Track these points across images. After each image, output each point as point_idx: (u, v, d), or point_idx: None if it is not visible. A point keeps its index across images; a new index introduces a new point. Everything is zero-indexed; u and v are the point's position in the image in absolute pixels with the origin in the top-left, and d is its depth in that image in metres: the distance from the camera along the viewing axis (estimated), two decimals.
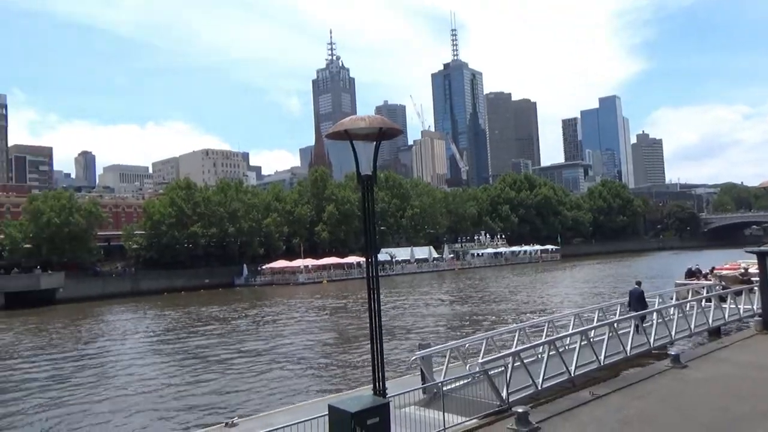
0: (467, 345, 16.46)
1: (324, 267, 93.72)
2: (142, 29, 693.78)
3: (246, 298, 67.31)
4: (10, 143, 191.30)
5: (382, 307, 9.42)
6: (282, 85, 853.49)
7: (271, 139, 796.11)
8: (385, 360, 9.36)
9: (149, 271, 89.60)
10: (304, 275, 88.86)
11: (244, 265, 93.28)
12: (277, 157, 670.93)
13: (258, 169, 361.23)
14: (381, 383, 8.86)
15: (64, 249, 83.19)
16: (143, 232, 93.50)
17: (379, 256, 10.53)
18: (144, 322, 50.05)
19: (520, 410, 11.05)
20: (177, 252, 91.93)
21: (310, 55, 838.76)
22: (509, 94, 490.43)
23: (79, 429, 17.82)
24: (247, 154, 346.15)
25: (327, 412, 8.62)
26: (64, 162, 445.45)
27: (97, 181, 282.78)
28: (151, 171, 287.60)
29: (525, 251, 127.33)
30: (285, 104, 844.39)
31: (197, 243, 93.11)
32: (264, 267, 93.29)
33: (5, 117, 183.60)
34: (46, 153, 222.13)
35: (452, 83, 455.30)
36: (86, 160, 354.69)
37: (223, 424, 12.71)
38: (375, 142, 9.93)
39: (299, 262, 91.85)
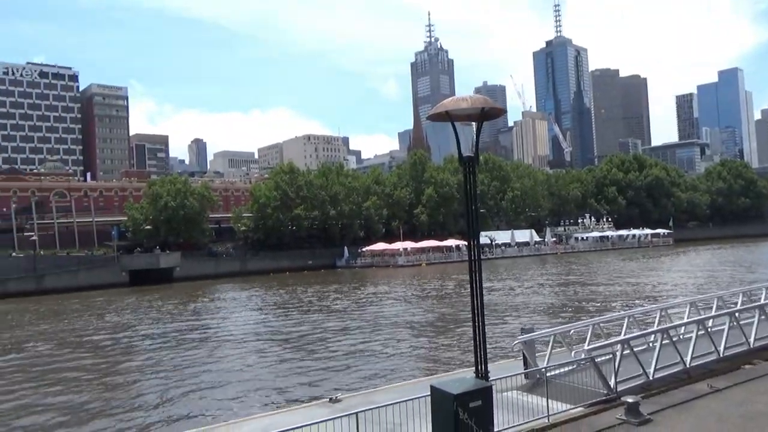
0: (572, 331, 15.94)
1: (423, 250, 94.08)
2: (243, 20, 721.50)
3: (348, 279, 68.98)
4: (131, 132, 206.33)
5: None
6: (380, 69, 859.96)
7: (370, 123, 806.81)
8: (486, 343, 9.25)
9: (257, 252, 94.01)
10: (403, 258, 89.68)
11: (345, 247, 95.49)
12: (377, 141, 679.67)
13: (358, 153, 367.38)
14: (483, 366, 8.76)
15: (180, 230, 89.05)
16: (251, 215, 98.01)
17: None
18: (253, 299, 52.65)
19: (630, 400, 10.55)
20: (282, 234, 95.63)
21: (407, 38, 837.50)
22: (617, 71, 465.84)
23: (191, 392, 19.05)
24: (347, 138, 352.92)
25: (428, 393, 8.65)
26: (178, 149, 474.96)
27: (208, 166, 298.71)
28: (257, 156, 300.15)
29: (633, 235, 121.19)
30: (383, 88, 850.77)
31: (300, 225, 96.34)
32: (364, 249, 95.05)
33: (126, 108, 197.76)
34: (163, 141, 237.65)
35: (555, 61, 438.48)
36: (198, 146, 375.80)
37: (328, 399, 13.11)
38: (477, 123, 9.76)
39: (398, 245, 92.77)
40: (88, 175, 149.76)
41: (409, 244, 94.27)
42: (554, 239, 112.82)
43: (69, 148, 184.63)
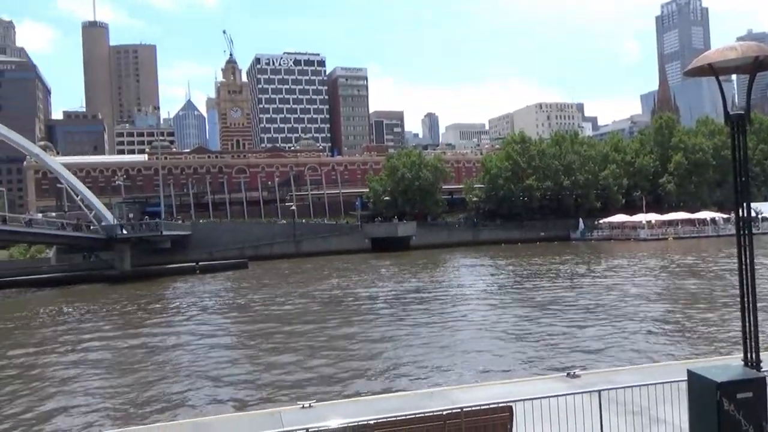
0: None
1: (669, 222, 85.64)
2: None
3: (583, 252, 66.02)
4: (371, 110, 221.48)
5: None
6: (618, 28, 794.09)
7: (607, 87, 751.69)
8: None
9: (488, 223, 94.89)
10: (646, 231, 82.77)
11: (580, 219, 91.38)
12: (615, 106, 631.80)
13: (593, 120, 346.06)
14: (754, 354, 7.66)
15: (415, 201, 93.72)
16: (482, 186, 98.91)
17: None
18: (485, 267, 53.41)
19: None
20: (513, 204, 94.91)
21: None
22: None
23: (423, 352, 19.88)
24: (582, 104, 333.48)
25: (681, 378, 7.87)
26: (412, 123, 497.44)
27: (440, 139, 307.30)
28: (487, 127, 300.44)
29: None
30: (622, 48, 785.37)
31: (532, 196, 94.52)
32: (601, 221, 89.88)
33: (366, 87, 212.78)
34: (399, 116, 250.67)
35: None
36: (431, 120, 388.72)
37: (565, 374, 12.73)
38: (749, 75, 8.45)
39: (641, 217, 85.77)
40: (335, 150, 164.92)
41: (654, 216, 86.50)
42: None
43: (319, 127, 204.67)
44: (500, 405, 8.63)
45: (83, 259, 71.26)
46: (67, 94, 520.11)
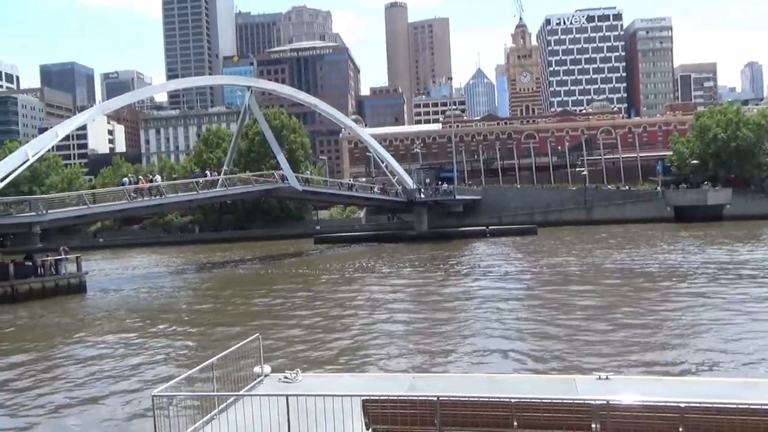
0: None
1: None
2: None
3: None
4: (675, 64, 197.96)
5: None
6: None
7: None
8: None
9: None
10: None
11: None
12: None
13: None
14: None
15: (731, 164, 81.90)
16: None
17: None
18: None
19: None
20: None
21: None
22: None
23: (744, 334, 17.40)
24: None
25: None
26: (728, 76, 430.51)
27: (765, 92, 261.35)
28: None
29: None
30: None
31: None
32: None
33: (670, 39, 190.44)
34: (710, 69, 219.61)
35: None
36: (752, 71, 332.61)
37: None
38: None
39: None
40: (632, 111, 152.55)
41: None
42: None
43: (613, 87, 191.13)
44: None
45: (387, 220, 79.51)
46: (372, 71, 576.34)
